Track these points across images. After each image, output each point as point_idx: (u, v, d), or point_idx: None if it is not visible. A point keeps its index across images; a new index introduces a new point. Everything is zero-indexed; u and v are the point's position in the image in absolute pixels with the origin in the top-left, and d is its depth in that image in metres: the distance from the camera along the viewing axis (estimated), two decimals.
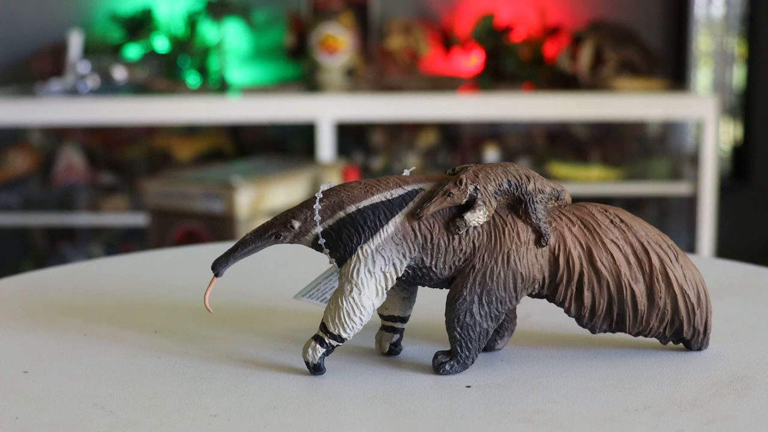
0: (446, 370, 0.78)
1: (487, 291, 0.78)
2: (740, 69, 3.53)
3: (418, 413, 0.72)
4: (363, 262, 0.78)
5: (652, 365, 0.81)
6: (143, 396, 0.75)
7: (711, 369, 0.80)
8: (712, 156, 2.92)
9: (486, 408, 0.73)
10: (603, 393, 0.76)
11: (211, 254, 1.18)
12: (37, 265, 3.17)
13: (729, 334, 0.88)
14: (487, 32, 3.28)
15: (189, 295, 1.00)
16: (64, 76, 3.02)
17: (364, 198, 0.78)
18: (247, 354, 0.84)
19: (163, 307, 0.97)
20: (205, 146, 3.24)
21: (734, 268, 1.11)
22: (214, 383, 0.78)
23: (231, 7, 3.23)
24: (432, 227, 0.78)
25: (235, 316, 0.94)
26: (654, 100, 2.97)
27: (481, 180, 0.77)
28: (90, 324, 0.91)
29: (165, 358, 0.83)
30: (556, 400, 0.75)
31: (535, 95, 3.07)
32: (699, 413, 0.72)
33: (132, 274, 1.10)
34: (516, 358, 0.83)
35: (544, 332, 0.89)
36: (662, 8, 3.50)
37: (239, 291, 1.02)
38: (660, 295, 0.80)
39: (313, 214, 0.79)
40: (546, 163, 3.16)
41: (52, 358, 0.83)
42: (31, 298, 1.00)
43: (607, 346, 0.85)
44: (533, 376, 0.79)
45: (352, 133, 3.19)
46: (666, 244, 0.81)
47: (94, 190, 3.20)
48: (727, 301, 0.98)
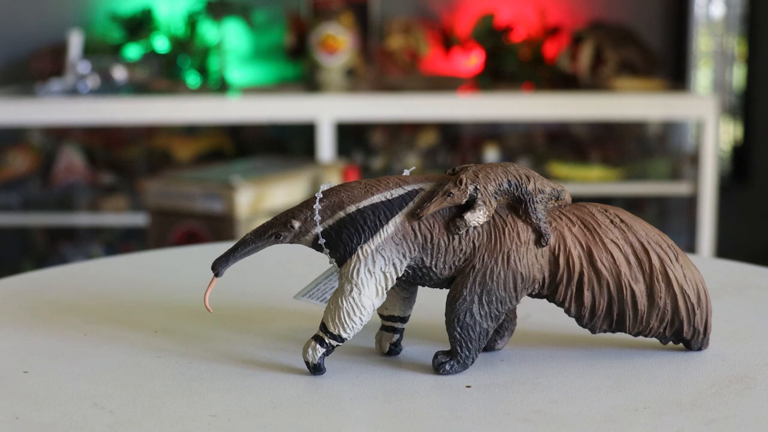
0: (446, 370, 0.79)
1: (487, 291, 0.78)
2: (740, 69, 3.53)
3: (418, 413, 0.72)
4: (363, 262, 0.78)
5: (652, 365, 0.81)
6: (143, 396, 0.75)
7: (711, 369, 0.80)
8: (712, 156, 2.92)
9: (486, 408, 0.73)
10: (603, 393, 0.76)
11: (211, 254, 1.19)
12: (37, 265, 3.17)
13: (729, 335, 0.88)
14: (487, 32, 3.28)
15: (189, 295, 1.00)
16: (64, 76, 3.02)
17: (364, 198, 0.79)
18: (247, 354, 0.84)
19: (163, 307, 0.97)
20: (205, 146, 3.24)
21: (734, 268, 1.11)
22: (214, 383, 0.78)
23: (231, 7, 3.23)
24: (432, 227, 0.78)
25: (235, 316, 0.94)
26: (654, 100, 2.97)
27: (481, 180, 0.77)
28: (90, 324, 0.91)
29: (165, 358, 0.83)
30: (556, 400, 0.75)
31: (535, 95, 3.07)
32: (699, 413, 0.72)
33: (132, 274, 1.10)
34: (516, 358, 0.83)
35: (544, 332, 0.89)
36: (662, 8, 3.50)
37: (239, 291, 1.02)
38: (660, 295, 0.80)
39: (313, 214, 0.79)
40: (546, 163, 3.15)
41: (52, 358, 0.83)
42: (31, 298, 1.00)
43: (606, 346, 0.85)
44: (533, 376, 0.79)
45: (352, 133, 3.19)
46: (666, 243, 0.81)
47: (94, 190, 3.20)
48: (727, 301, 0.98)
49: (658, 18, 3.49)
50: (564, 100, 2.95)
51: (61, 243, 3.26)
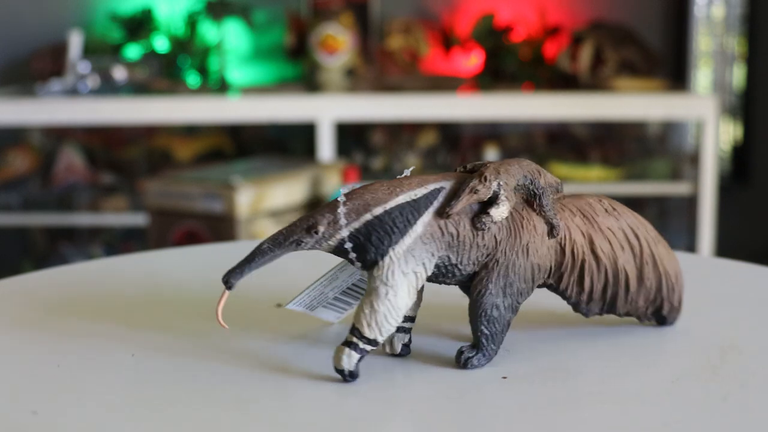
0: (474, 365, 0.79)
1: (510, 283, 0.79)
2: (740, 69, 3.53)
3: (481, 408, 0.73)
4: (396, 264, 0.77)
5: (664, 339, 0.84)
6: (144, 396, 0.75)
7: (720, 339, 0.80)
8: (712, 156, 2.92)
9: (537, 395, 0.74)
10: (640, 369, 0.79)
11: (211, 254, 1.18)
12: (37, 265, 3.17)
13: (730, 336, 0.88)
14: (487, 32, 3.29)
15: (189, 296, 1.00)
16: (64, 76, 3.02)
17: (389, 199, 0.78)
18: (248, 354, 0.84)
19: (164, 308, 0.97)
20: (205, 146, 3.24)
21: (734, 268, 1.11)
22: (215, 383, 0.78)
23: (231, 7, 3.23)
24: (458, 224, 0.78)
25: (236, 316, 0.94)
26: (654, 100, 2.98)
27: (503, 176, 0.78)
28: (90, 324, 0.91)
29: (165, 358, 0.83)
30: (597, 381, 0.77)
31: (535, 95, 3.07)
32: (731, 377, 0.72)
33: (132, 274, 1.10)
34: (527, 348, 0.83)
35: (540, 321, 0.89)
36: (662, 8, 3.50)
37: (240, 291, 1.02)
38: (648, 276, 0.85)
39: (338, 218, 0.77)
40: (546, 163, 3.15)
41: (52, 358, 0.83)
42: (31, 298, 1.00)
43: (604, 325, 0.87)
44: (560, 362, 0.81)
45: (352, 133, 3.20)
46: (648, 226, 0.86)
47: (94, 190, 3.20)
48: (727, 300, 0.98)
49: (658, 18, 3.50)
50: (564, 100, 2.95)
51: (61, 243, 3.26)
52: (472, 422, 0.70)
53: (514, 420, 0.71)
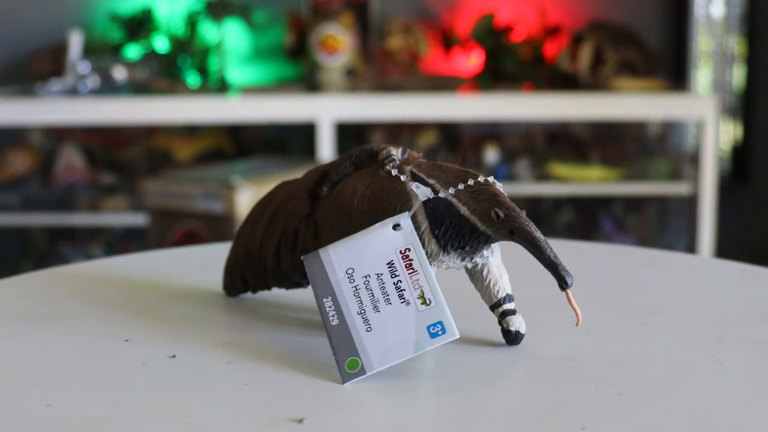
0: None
1: None
2: (740, 69, 3.53)
3: (558, 391, 0.74)
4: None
5: (678, 300, 0.82)
6: (144, 396, 0.75)
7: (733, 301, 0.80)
8: (712, 156, 2.92)
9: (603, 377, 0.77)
10: (669, 343, 0.80)
11: (211, 254, 1.18)
12: (37, 265, 3.17)
13: (728, 336, 0.88)
14: (487, 32, 3.29)
15: (189, 296, 1.00)
16: (64, 76, 3.03)
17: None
18: (249, 354, 0.84)
19: (164, 308, 0.97)
20: (205, 146, 3.25)
21: (734, 268, 1.11)
22: (215, 383, 0.78)
23: (231, 7, 3.23)
24: None
25: (236, 316, 0.94)
26: (654, 100, 2.98)
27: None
28: (90, 324, 0.91)
29: (165, 358, 0.83)
30: (630, 359, 0.80)
31: (535, 95, 3.07)
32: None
33: (132, 274, 1.10)
34: (541, 338, 0.83)
35: (538, 314, 0.89)
36: (662, 8, 3.50)
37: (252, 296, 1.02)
38: None
39: None
40: (546, 163, 3.16)
41: (51, 358, 0.83)
42: (31, 298, 1.00)
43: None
44: (584, 347, 0.83)
45: (352, 133, 3.20)
46: None
47: (94, 190, 3.20)
48: (727, 301, 0.98)
49: (658, 18, 3.50)
50: (564, 100, 2.95)
51: (61, 243, 3.26)
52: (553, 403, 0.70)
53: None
